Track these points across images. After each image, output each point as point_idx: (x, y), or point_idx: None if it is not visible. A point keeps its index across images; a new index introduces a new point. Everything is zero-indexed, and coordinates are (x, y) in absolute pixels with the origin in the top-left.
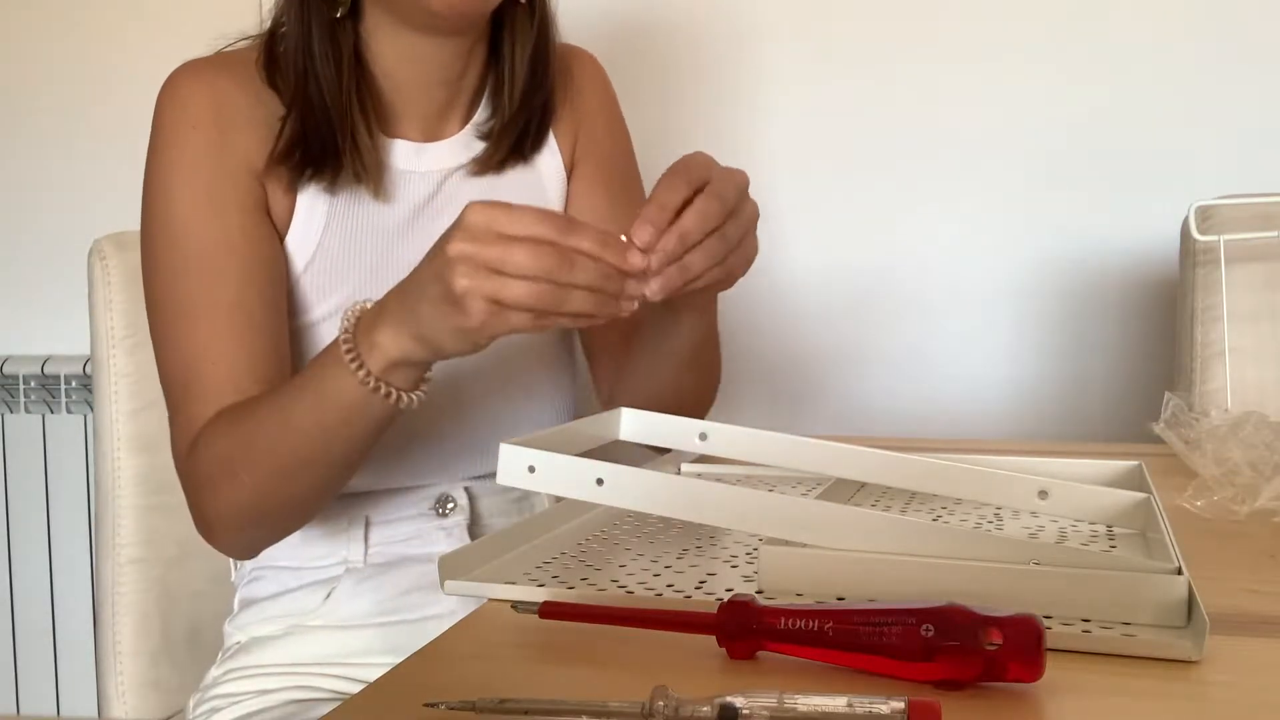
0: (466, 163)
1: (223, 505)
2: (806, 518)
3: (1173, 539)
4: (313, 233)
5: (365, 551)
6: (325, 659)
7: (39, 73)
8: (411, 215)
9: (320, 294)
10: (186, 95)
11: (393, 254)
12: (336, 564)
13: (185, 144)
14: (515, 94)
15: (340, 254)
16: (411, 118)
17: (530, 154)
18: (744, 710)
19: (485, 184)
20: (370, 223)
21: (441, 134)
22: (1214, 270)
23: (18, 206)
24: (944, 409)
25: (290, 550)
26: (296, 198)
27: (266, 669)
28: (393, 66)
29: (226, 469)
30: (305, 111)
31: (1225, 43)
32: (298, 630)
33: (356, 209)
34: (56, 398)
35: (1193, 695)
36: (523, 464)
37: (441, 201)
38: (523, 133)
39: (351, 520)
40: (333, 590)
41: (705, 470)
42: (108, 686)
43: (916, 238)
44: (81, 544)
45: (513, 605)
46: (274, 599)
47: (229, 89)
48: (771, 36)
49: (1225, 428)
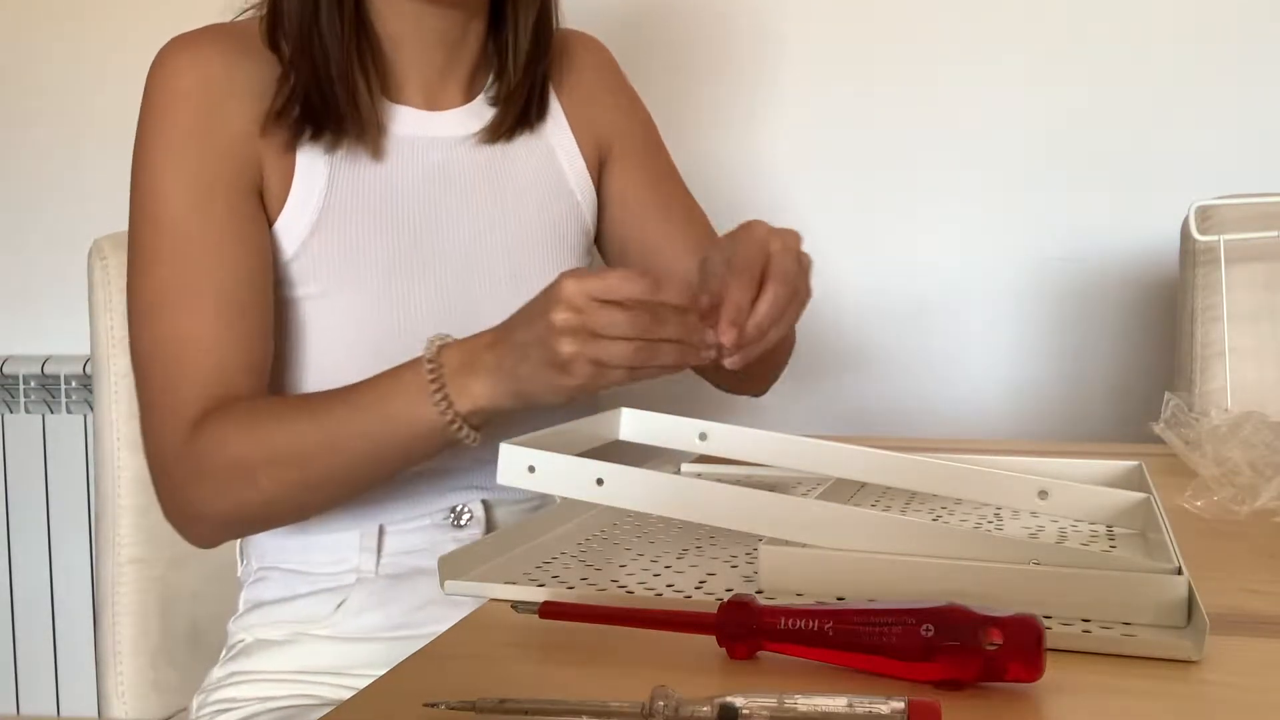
0: (477, 131)
1: (226, 504)
2: (806, 518)
3: (1173, 539)
4: (314, 198)
5: (377, 561)
6: (331, 669)
7: (39, 73)
8: (422, 183)
9: (325, 266)
10: (173, 69)
11: (404, 225)
12: (348, 571)
13: (173, 119)
14: (520, 60)
15: (345, 223)
16: (414, 82)
17: (536, 122)
18: (744, 710)
19: (496, 152)
20: (376, 190)
21: (443, 103)
22: (1214, 270)
23: (18, 206)
24: (944, 409)
25: (300, 554)
26: (295, 160)
27: (270, 675)
28: (395, 28)
29: (243, 472)
30: (306, 67)
31: (1226, 43)
32: (304, 638)
33: (359, 174)
34: (56, 398)
35: (1193, 695)
36: (523, 464)
37: (454, 171)
38: (528, 100)
39: (364, 527)
40: (343, 601)
41: (705, 470)
42: (108, 686)
43: (917, 238)
44: (81, 544)
45: (513, 605)
46: (282, 603)
47: (219, 59)
48: (777, 39)
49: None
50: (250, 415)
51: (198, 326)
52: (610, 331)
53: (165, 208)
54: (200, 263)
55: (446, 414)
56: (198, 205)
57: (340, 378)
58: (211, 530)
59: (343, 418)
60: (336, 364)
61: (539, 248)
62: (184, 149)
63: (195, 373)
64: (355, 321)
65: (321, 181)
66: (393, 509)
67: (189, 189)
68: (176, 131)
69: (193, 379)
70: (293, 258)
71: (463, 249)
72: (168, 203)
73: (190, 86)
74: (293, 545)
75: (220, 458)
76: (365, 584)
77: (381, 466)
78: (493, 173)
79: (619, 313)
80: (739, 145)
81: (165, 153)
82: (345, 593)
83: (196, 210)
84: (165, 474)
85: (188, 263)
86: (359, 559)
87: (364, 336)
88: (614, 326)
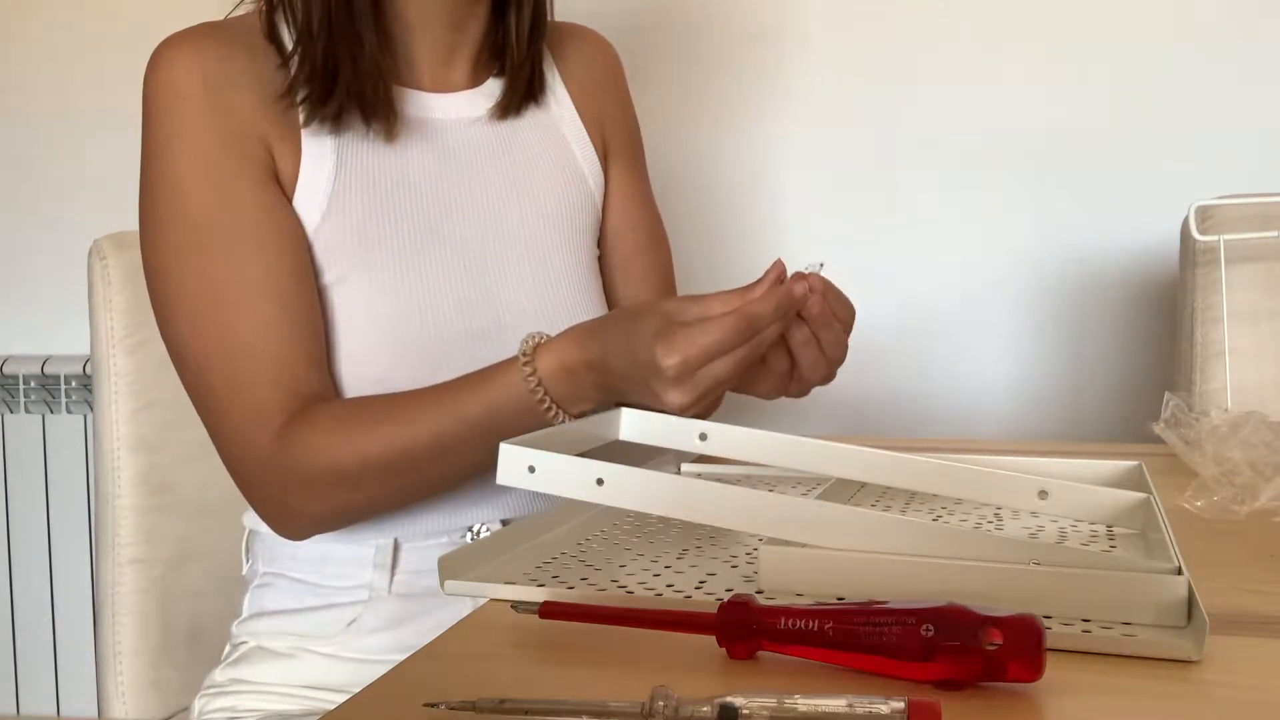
0: (486, 110)
1: (325, 507)
2: (806, 518)
3: (1173, 539)
4: (323, 183)
5: (390, 579)
6: (336, 686)
7: (39, 72)
8: (434, 164)
9: (339, 251)
10: (169, 68)
11: (417, 207)
12: (359, 587)
13: (181, 115)
14: (523, 36)
15: (356, 206)
16: (422, 64)
17: (539, 95)
18: (744, 710)
19: (506, 131)
20: (386, 173)
21: (451, 85)
22: (1214, 270)
23: (18, 206)
24: (944, 409)
25: (311, 565)
26: (301, 147)
27: (273, 688)
28: (404, 9)
29: (343, 477)
30: (312, 45)
31: (1225, 43)
32: (309, 654)
33: (367, 157)
34: (56, 398)
35: (1193, 695)
36: (522, 464)
37: (466, 152)
38: (531, 76)
39: (380, 542)
40: (353, 620)
41: (705, 470)
42: (108, 686)
43: (917, 238)
44: (81, 544)
45: (513, 605)
46: (289, 615)
47: (214, 52)
48: (778, 39)
49: (1225, 428)
50: (340, 422)
51: (251, 326)
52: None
53: (190, 206)
54: (240, 259)
55: (556, 419)
56: (224, 202)
57: (368, 362)
58: (311, 526)
59: (449, 426)
60: (364, 349)
61: (552, 226)
62: (197, 143)
63: (263, 374)
64: (373, 305)
65: (329, 165)
66: (409, 525)
67: (212, 185)
68: (186, 126)
69: (262, 381)
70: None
71: (477, 229)
72: (190, 201)
73: (190, 81)
74: (304, 555)
75: (318, 465)
76: (377, 603)
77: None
78: (504, 153)
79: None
80: (739, 145)
81: (179, 150)
82: (356, 610)
83: (224, 207)
84: (256, 480)
85: (228, 260)
86: (372, 575)
87: (384, 320)
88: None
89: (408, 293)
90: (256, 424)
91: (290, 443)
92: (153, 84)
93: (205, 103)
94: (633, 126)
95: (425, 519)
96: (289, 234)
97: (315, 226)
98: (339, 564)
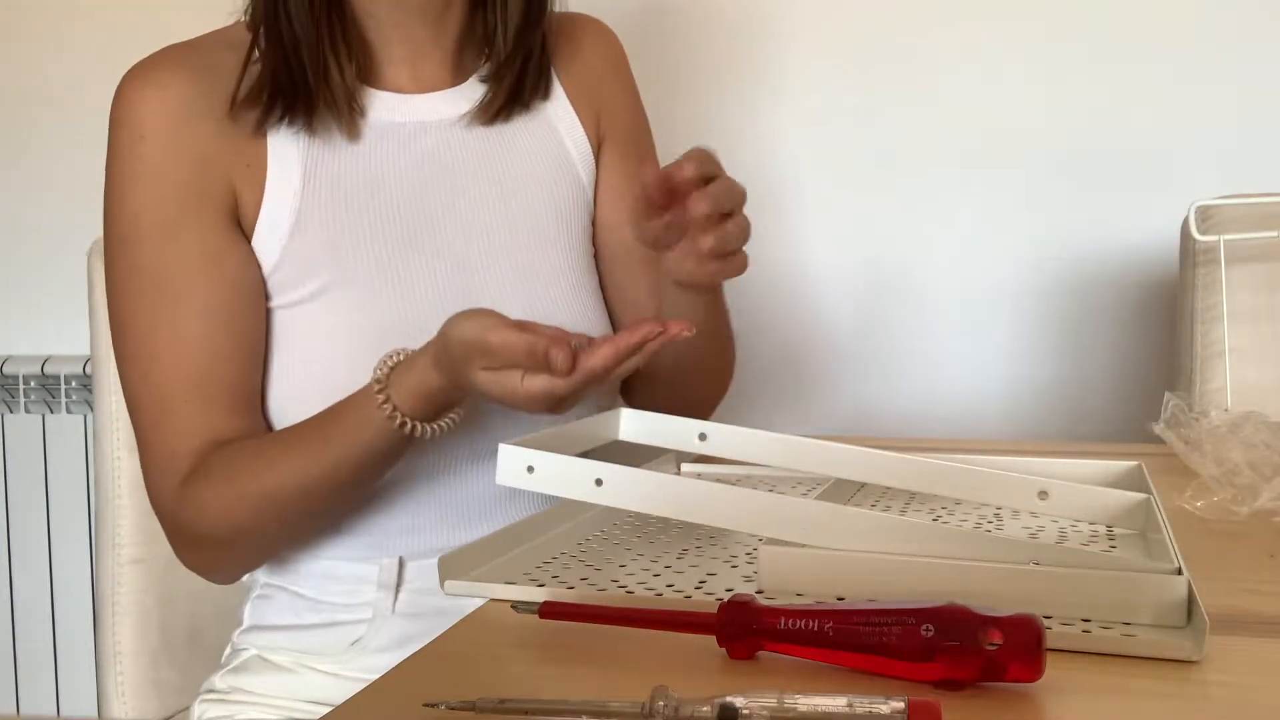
0: (469, 111)
1: (220, 562)
2: (806, 518)
3: (1173, 539)
4: (290, 196)
5: (395, 599)
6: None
7: (39, 73)
8: (410, 170)
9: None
10: (130, 104)
11: (393, 215)
12: (363, 605)
13: (136, 160)
14: (510, 34)
15: (326, 217)
16: (395, 63)
17: (531, 99)
18: (744, 710)
19: (493, 134)
20: (357, 180)
21: (429, 84)
22: (1214, 270)
23: (18, 207)
24: (944, 409)
25: (313, 581)
26: (267, 160)
27: (274, 701)
28: (368, 3)
29: (228, 534)
30: (275, 45)
31: (1225, 43)
32: (311, 670)
33: (336, 164)
34: (56, 398)
35: (1193, 695)
36: (521, 464)
37: (446, 156)
38: (521, 74)
39: (384, 560)
40: (357, 640)
41: (705, 470)
42: (108, 686)
43: (916, 237)
44: (81, 544)
45: (513, 605)
46: (289, 630)
47: (178, 84)
48: (782, 36)
49: (1225, 428)
50: (227, 474)
51: (175, 380)
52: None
53: (141, 250)
54: (180, 311)
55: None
56: (172, 250)
57: (346, 380)
58: (220, 577)
59: (308, 454)
60: (344, 362)
61: (544, 233)
62: (153, 188)
63: (180, 424)
64: (350, 318)
65: (296, 176)
66: (414, 542)
67: (163, 232)
68: (143, 169)
69: (178, 430)
70: (276, 266)
71: (460, 238)
72: (141, 245)
73: (151, 119)
74: (305, 570)
75: (202, 525)
76: (381, 622)
77: (363, 489)
78: (490, 156)
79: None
80: (740, 145)
81: (136, 193)
82: (359, 630)
83: (171, 255)
84: (164, 528)
85: (170, 309)
86: (376, 595)
87: (361, 335)
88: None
89: (387, 304)
90: (164, 478)
91: (183, 502)
92: (115, 120)
93: (165, 141)
94: (635, 116)
95: (430, 536)
96: (231, 284)
97: (284, 244)
98: (343, 581)
